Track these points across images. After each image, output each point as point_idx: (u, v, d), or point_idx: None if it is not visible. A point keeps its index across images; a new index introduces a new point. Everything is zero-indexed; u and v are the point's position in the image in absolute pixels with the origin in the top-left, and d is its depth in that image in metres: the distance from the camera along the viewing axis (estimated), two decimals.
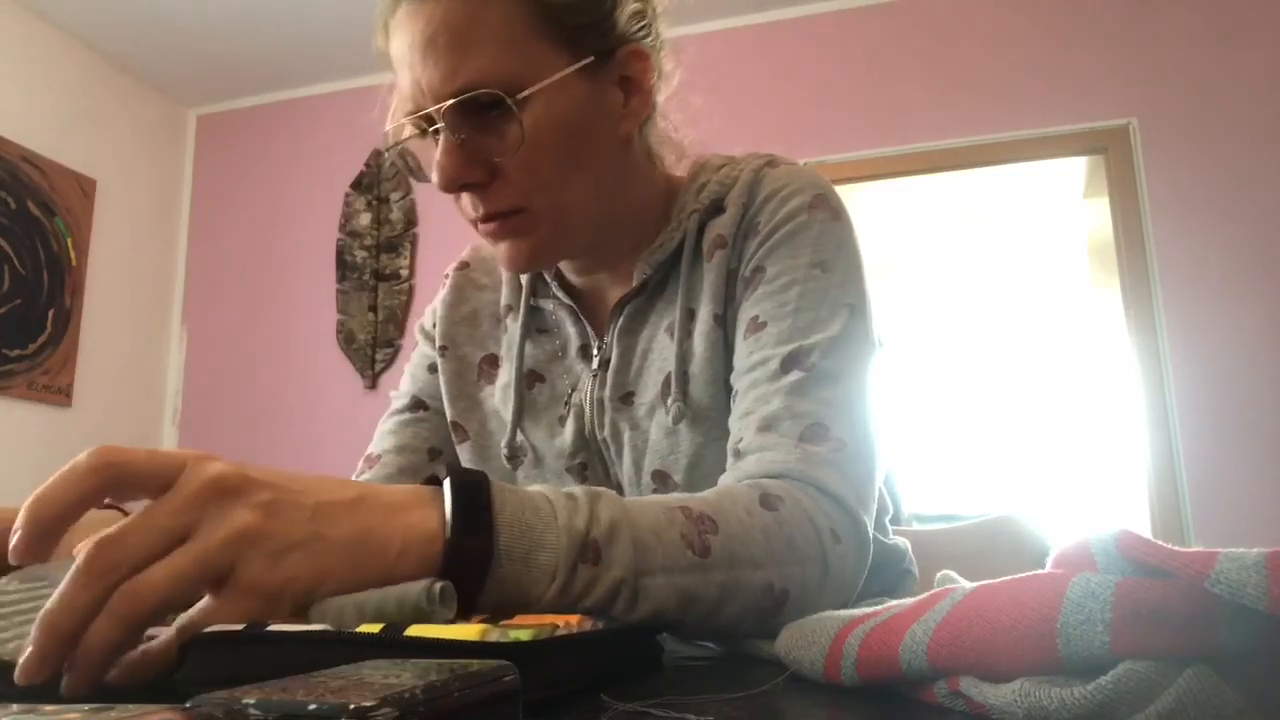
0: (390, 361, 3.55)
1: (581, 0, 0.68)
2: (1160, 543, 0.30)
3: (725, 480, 0.65)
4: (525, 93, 0.65)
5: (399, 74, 0.69)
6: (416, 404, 0.89)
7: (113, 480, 0.39)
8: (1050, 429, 4.94)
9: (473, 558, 0.45)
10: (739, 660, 0.55)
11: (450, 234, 3.40)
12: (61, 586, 0.37)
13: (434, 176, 0.68)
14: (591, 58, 0.69)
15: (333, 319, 3.64)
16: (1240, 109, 2.87)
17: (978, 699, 0.33)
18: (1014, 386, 5.09)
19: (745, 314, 0.73)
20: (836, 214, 0.75)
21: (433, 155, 0.69)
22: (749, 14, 3.37)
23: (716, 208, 0.78)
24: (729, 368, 0.74)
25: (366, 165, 3.66)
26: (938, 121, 3.12)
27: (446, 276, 0.92)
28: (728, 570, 0.53)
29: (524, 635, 0.39)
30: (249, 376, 3.74)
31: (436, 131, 0.68)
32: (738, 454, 0.66)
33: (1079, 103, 3.00)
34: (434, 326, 0.90)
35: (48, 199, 3.38)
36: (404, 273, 3.60)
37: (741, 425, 0.67)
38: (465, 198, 0.71)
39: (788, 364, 0.67)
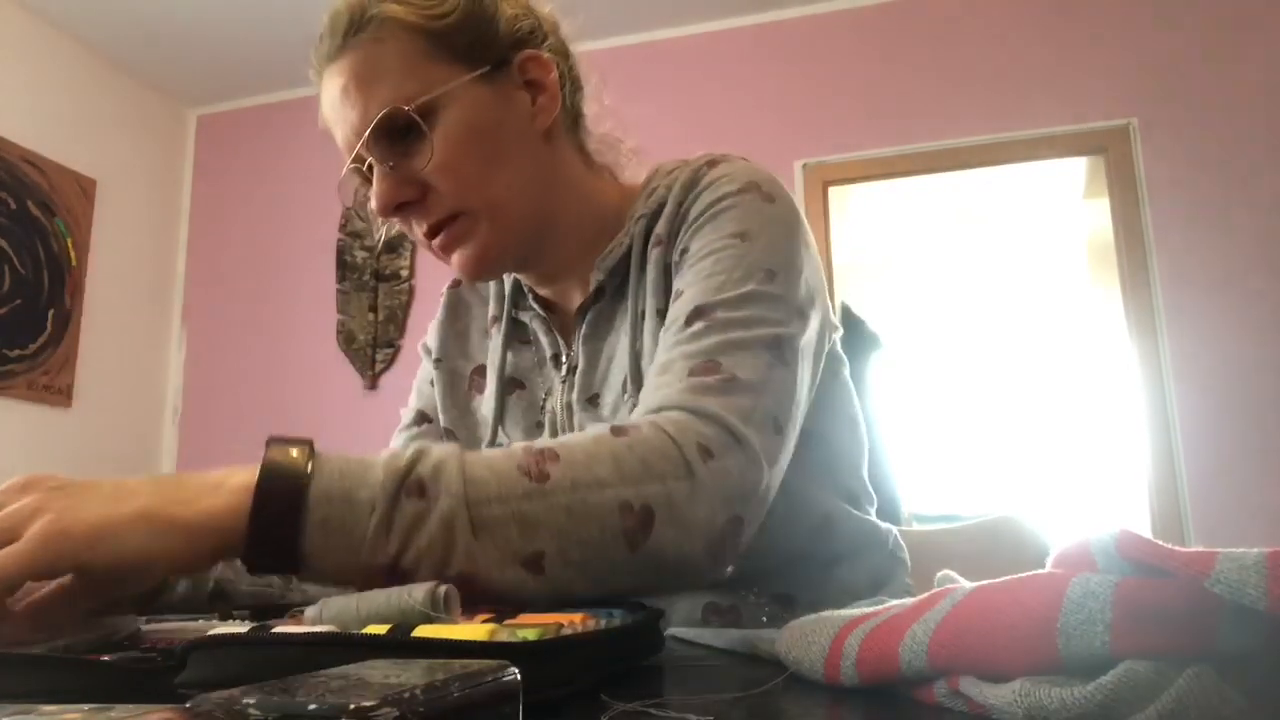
0: (390, 362, 3.55)
1: (461, 21, 0.74)
2: (1160, 543, 0.30)
3: None
4: (422, 99, 0.71)
5: (334, 132, 0.75)
6: (422, 418, 0.94)
7: None
8: (1050, 429, 4.93)
9: (282, 498, 0.48)
10: (739, 660, 0.55)
11: None
12: None
13: (372, 203, 0.73)
14: (487, 67, 0.74)
15: (333, 319, 3.64)
16: (1240, 109, 2.87)
17: (978, 699, 0.33)
18: (1014, 387, 5.08)
19: (674, 290, 0.74)
20: (770, 198, 0.75)
21: None
22: (750, 14, 3.36)
23: (662, 209, 0.80)
24: None
25: None
26: (938, 121, 3.12)
27: (443, 294, 0.97)
28: (570, 493, 0.53)
29: (530, 635, 0.39)
30: (249, 376, 3.74)
31: (371, 169, 0.73)
32: (640, 401, 0.66)
33: (1079, 103, 3.00)
34: (433, 342, 0.95)
35: (48, 199, 3.38)
36: (404, 273, 3.60)
37: (646, 376, 0.69)
38: (413, 223, 0.76)
39: (692, 318, 0.68)
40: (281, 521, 0.47)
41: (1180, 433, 2.74)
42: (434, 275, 3.55)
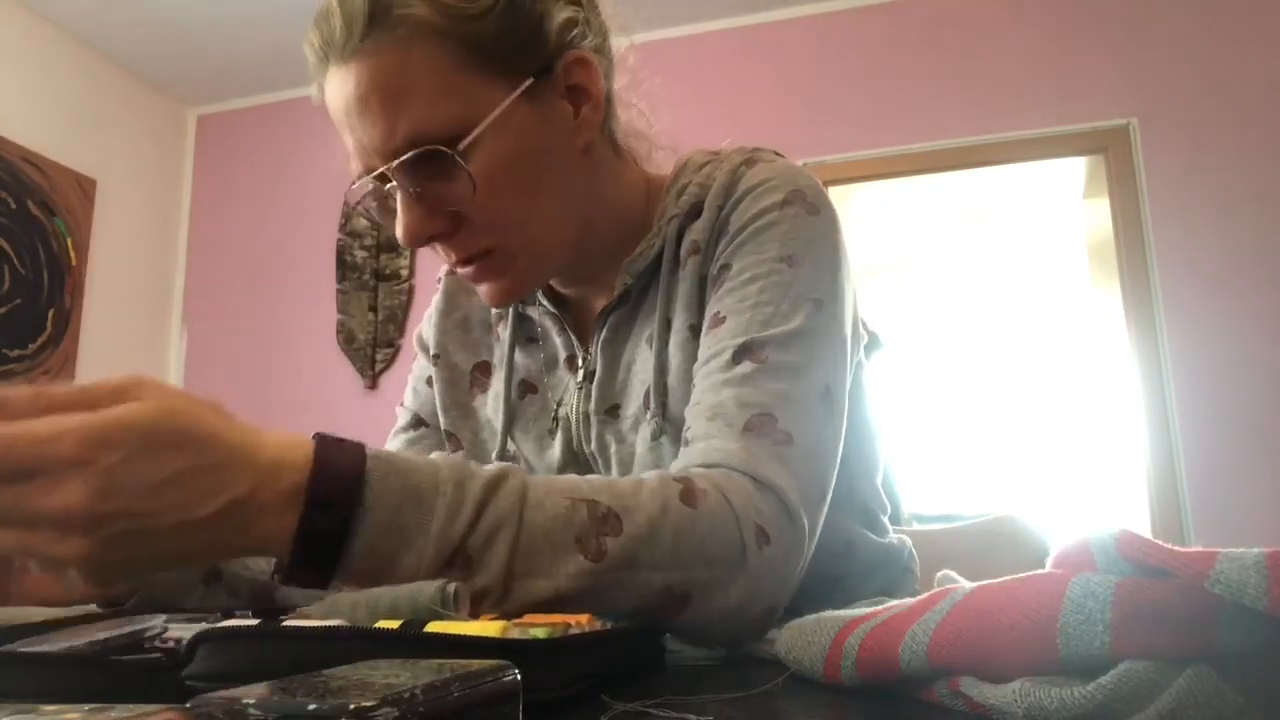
0: (390, 362, 3.55)
1: (506, 25, 0.65)
2: (1160, 543, 0.30)
3: (674, 468, 0.62)
4: (468, 139, 0.63)
5: (341, 135, 0.67)
6: (417, 422, 0.88)
7: None
8: (1050, 429, 4.93)
9: (326, 548, 0.46)
10: (739, 660, 0.55)
11: None
12: None
13: (397, 233, 0.67)
14: (530, 79, 0.66)
15: (333, 319, 3.64)
16: (1240, 109, 2.87)
17: (978, 699, 0.33)
18: (1014, 386, 5.08)
19: (709, 312, 0.70)
20: (814, 209, 0.71)
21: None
22: (749, 14, 3.36)
23: (696, 212, 0.75)
24: None
25: None
26: (938, 121, 3.12)
27: (439, 281, 0.91)
28: (621, 571, 0.52)
29: (540, 633, 0.39)
30: (249, 376, 3.74)
31: (395, 186, 0.66)
32: (686, 443, 0.64)
33: (1079, 103, 3.00)
34: (428, 336, 0.89)
35: (48, 199, 3.37)
36: (404, 273, 3.60)
37: (691, 414, 0.65)
38: (437, 246, 0.70)
39: (740, 355, 0.64)
40: (321, 565, 0.46)
41: (1180, 433, 2.74)
42: (434, 275, 3.53)
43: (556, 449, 0.79)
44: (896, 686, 0.38)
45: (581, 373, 0.79)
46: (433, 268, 3.54)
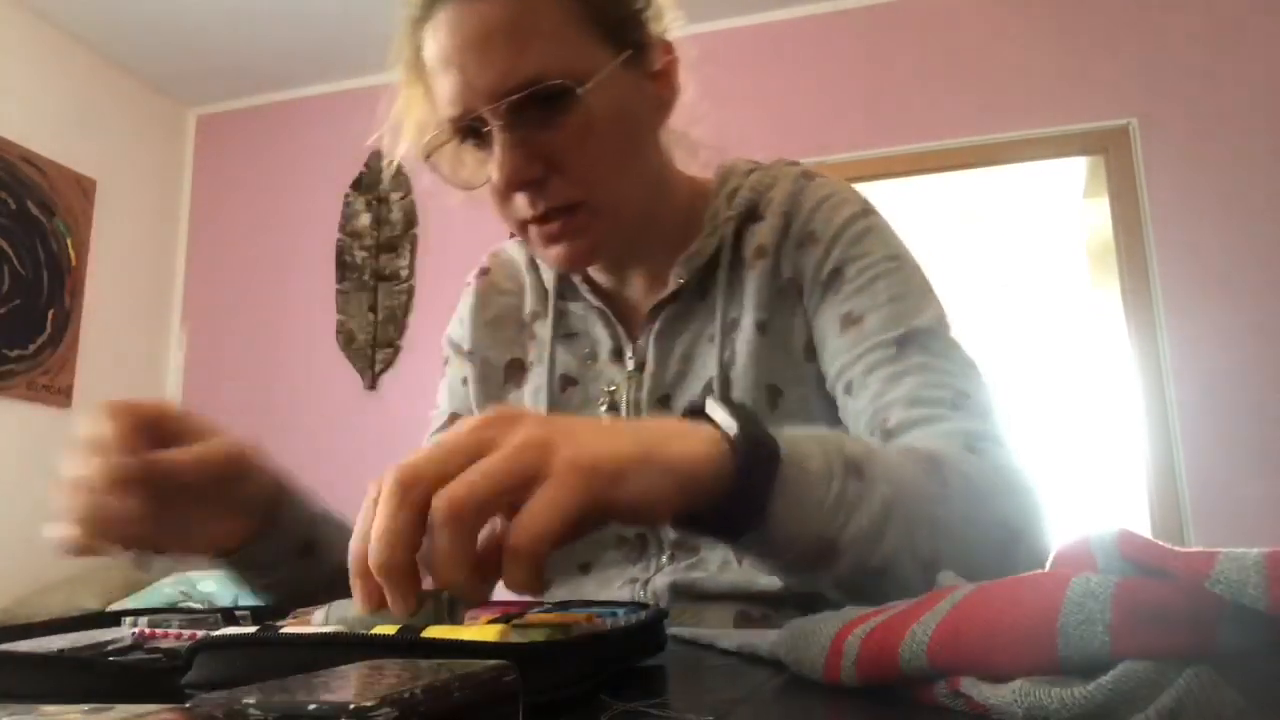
0: (390, 362, 3.55)
1: None
2: (1160, 543, 0.30)
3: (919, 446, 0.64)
4: (589, 84, 0.66)
5: (437, 78, 0.69)
6: (455, 420, 0.90)
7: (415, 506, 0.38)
8: (1050, 429, 4.93)
9: (761, 455, 0.47)
10: (739, 660, 0.55)
11: (450, 235, 3.40)
12: (366, 518, 0.38)
13: (494, 175, 0.68)
14: (630, 51, 0.70)
15: (333, 319, 3.64)
16: (1240, 109, 2.87)
17: (978, 699, 0.33)
18: (1014, 386, 5.08)
19: (833, 313, 0.74)
20: (880, 217, 0.80)
21: (467, 160, 0.71)
22: (749, 14, 3.36)
23: (752, 214, 0.79)
24: (770, 374, 0.76)
25: (366, 166, 3.65)
26: (937, 121, 3.12)
27: (468, 284, 0.93)
28: (964, 502, 0.55)
29: (539, 636, 0.39)
30: (249, 377, 3.74)
31: (484, 133, 0.68)
32: (888, 433, 0.67)
33: (1079, 103, 3.00)
34: (461, 336, 0.91)
35: (48, 199, 3.38)
36: (404, 273, 3.60)
37: (879, 406, 0.68)
38: (519, 198, 0.71)
39: (904, 344, 0.69)
40: (756, 477, 0.46)
41: (1180, 433, 2.74)
42: (434, 275, 3.55)
43: None
44: (896, 686, 0.38)
45: (632, 363, 0.81)
46: (432, 269, 3.54)
